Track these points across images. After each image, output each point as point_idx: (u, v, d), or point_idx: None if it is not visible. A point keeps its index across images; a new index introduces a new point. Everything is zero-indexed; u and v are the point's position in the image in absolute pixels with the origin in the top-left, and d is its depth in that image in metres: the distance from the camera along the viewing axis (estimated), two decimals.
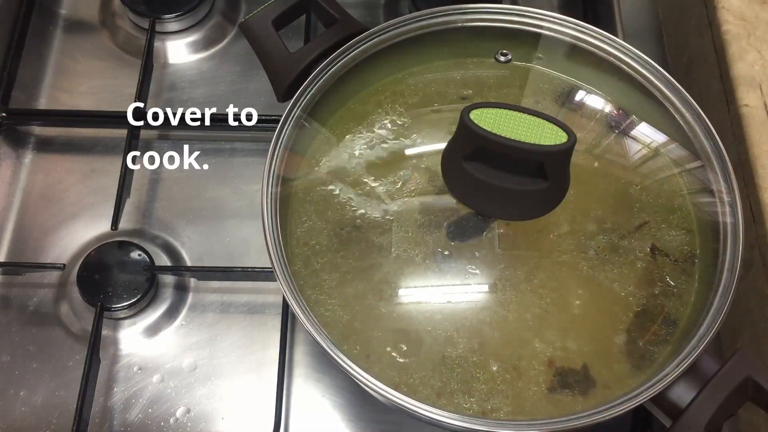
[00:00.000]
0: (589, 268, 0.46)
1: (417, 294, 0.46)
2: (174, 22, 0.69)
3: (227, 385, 0.56)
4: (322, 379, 0.57)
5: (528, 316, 0.45)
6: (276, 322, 0.57)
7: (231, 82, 0.68)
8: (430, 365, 0.44)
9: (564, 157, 0.43)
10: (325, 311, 0.45)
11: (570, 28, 0.52)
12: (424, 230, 0.47)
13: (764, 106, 0.55)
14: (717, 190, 0.47)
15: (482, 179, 0.44)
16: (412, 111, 0.51)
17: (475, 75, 0.53)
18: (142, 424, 0.55)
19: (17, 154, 0.65)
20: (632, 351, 0.44)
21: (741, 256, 0.44)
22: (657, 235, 0.47)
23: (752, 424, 0.53)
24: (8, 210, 0.62)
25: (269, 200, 0.46)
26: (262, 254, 0.46)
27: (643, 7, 0.73)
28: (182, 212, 0.62)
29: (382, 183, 0.49)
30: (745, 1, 0.59)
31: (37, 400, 0.56)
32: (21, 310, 0.58)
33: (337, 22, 0.52)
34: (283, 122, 0.49)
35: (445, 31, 0.52)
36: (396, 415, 0.55)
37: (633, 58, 0.51)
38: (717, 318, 0.43)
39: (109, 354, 0.57)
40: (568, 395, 0.43)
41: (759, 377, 0.41)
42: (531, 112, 0.43)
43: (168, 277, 0.59)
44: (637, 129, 0.51)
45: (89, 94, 0.67)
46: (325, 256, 0.47)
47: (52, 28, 0.71)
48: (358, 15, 0.61)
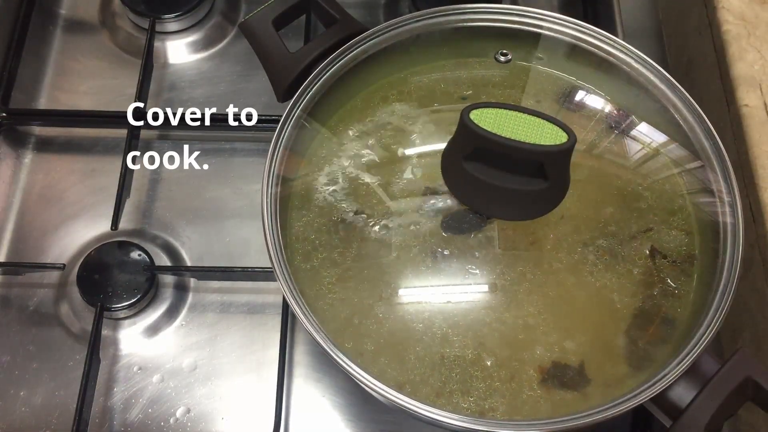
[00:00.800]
0: (588, 268, 0.46)
1: (417, 294, 0.46)
2: (174, 22, 0.69)
3: (227, 385, 0.56)
4: (322, 379, 0.57)
5: (527, 316, 0.45)
6: (276, 322, 0.57)
7: (231, 82, 0.68)
8: (429, 365, 0.44)
9: (564, 157, 0.43)
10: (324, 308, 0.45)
11: (570, 28, 0.52)
12: (424, 230, 0.47)
13: (764, 106, 0.55)
14: (717, 190, 0.47)
15: (482, 179, 0.44)
16: (412, 111, 0.51)
17: (475, 75, 0.53)
18: (142, 424, 0.55)
19: (17, 154, 0.65)
20: (632, 351, 0.44)
21: (741, 256, 0.44)
22: (657, 236, 0.47)
23: (752, 424, 0.53)
24: (8, 210, 0.62)
25: (269, 200, 0.46)
26: (262, 254, 0.46)
27: (643, 7, 0.73)
28: (182, 212, 0.62)
29: (382, 183, 0.49)
30: (745, 1, 0.59)
31: (37, 400, 0.56)
32: (21, 310, 0.58)
33: (337, 22, 0.52)
34: (283, 122, 0.49)
35: (445, 31, 0.52)
36: (396, 415, 0.55)
37: (633, 58, 0.51)
38: (717, 318, 0.43)
39: (109, 354, 0.57)
40: (568, 395, 0.43)
41: (759, 377, 0.41)
42: (531, 112, 0.43)
43: (168, 277, 0.59)
44: (637, 129, 0.51)
45: (89, 94, 0.67)
46: (325, 256, 0.47)
47: (52, 28, 0.71)
48: (358, 15, 0.61)
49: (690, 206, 0.48)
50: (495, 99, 0.51)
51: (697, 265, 0.47)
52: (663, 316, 0.45)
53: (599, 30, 0.51)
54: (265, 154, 0.47)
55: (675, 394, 0.42)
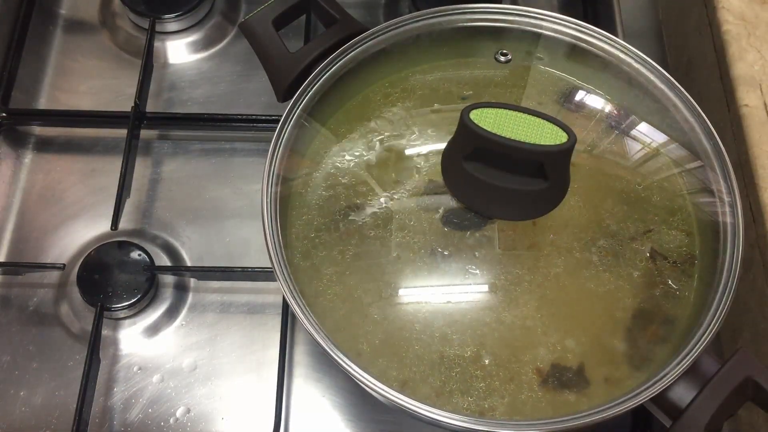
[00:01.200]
0: (588, 268, 0.46)
1: (417, 293, 0.46)
2: (174, 22, 0.69)
3: (227, 385, 0.56)
4: (322, 379, 0.57)
5: (527, 316, 0.45)
6: (276, 322, 0.57)
7: (231, 82, 0.68)
8: (428, 364, 0.44)
9: (564, 157, 0.43)
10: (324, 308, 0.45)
11: (570, 28, 0.52)
12: (424, 230, 0.47)
13: (764, 106, 0.55)
14: (717, 190, 0.47)
15: (482, 179, 0.44)
16: (412, 111, 0.51)
17: (475, 75, 0.53)
18: (142, 424, 0.55)
19: (17, 154, 0.65)
20: (632, 351, 0.44)
21: (741, 256, 0.44)
22: (656, 236, 0.47)
23: (752, 424, 0.53)
24: (8, 210, 0.62)
25: (269, 200, 0.46)
26: (262, 254, 0.46)
27: (643, 7, 0.73)
28: (182, 212, 0.62)
29: (382, 183, 0.49)
30: (745, 1, 0.59)
31: (37, 400, 0.56)
32: (21, 310, 0.58)
33: (337, 22, 0.52)
34: (283, 122, 0.49)
35: (445, 31, 0.52)
36: (396, 415, 0.55)
37: (633, 58, 0.51)
38: (717, 318, 0.43)
39: (109, 354, 0.57)
40: (568, 395, 0.43)
41: (759, 377, 0.41)
42: (531, 112, 0.43)
43: (168, 277, 0.59)
44: (637, 129, 0.51)
45: (89, 94, 0.67)
46: (325, 255, 0.47)
47: (52, 28, 0.71)
48: (358, 15, 0.61)
49: (690, 206, 0.48)
50: (495, 99, 0.51)
51: (697, 265, 0.47)
52: (663, 316, 0.45)
53: (599, 30, 0.51)
54: (265, 154, 0.47)
55: (675, 394, 0.42)
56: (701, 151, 0.48)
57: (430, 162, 0.49)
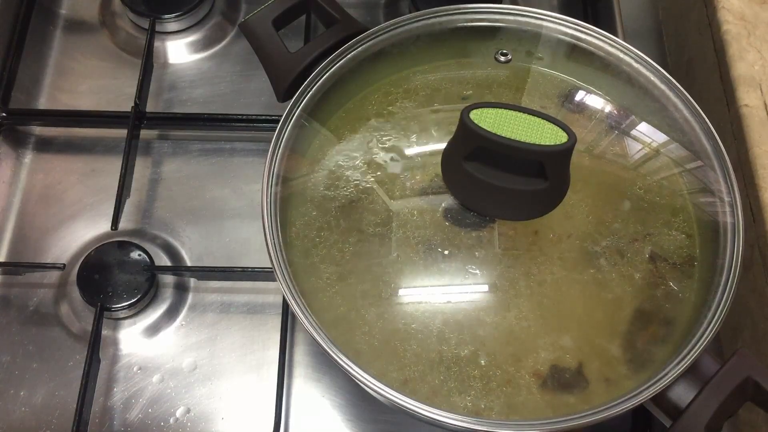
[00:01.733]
0: (588, 268, 0.46)
1: (416, 293, 0.46)
2: (174, 22, 0.69)
3: (227, 385, 0.56)
4: (322, 379, 0.57)
5: (527, 316, 0.45)
6: (276, 322, 0.57)
7: (231, 82, 0.68)
8: (428, 364, 0.44)
9: (564, 157, 0.43)
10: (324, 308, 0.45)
11: (570, 28, 0.52)
12: (424, 230, 0.47)
13: (764, 106, 0.55)
14: (717, 190, 0.47)
15: (482, 179, 0.44)
16: (412, 111, 0.51)
17: (475, 75, 0.53)
18: (142, 424, 0.55)
19: (17, 154, 0.65)
20: (632, 351, 0.44)
21: (741, 256, 0.44)
22: (657, 236, 0.47)
23: (752, 424, 0.53)
24: (8, 210, 0.62)
25: (269, 200, 0.46)
26: (262, 254, 0.46)
27: (643, 7, 0.73)
28: (182, 212, 0.62)
29: (382, 182, 0.49)
30: (745, 1, 0.59)
31: (37, 400, 0.56)
32: (21, 310, 0.58)
33: (337, 22, 0.52)
34: (283, 122, 0.49)
35: (445, 31, 0.52)
36: (396, 415, 0.55)
37: (633, 58, 0.51)
38: (717, 318, 0.43)
39: (109, 354, 0.57)
40: (567, 395, 0.43)
41: (759, 377, 0.41)
42: (531, 112, 0.43)
43: (168, 277, 0.59)
44: (637, 129, 0.51)
45: (89, 94, 0.67)
46: (325, 254, 0.47)
47: (52, 28, 0.71)
48: (358, 15, 0.62)
49: (690, 206, 0.48)
50: (495, 99, 0.51)
51: (698, 265, 0.47)
52: (663, 315, 0.45)
53: (599, 30, 0.51)
54: (265, 154, 0.47)
55: (675, 394, 0.42)
56: (701, 151, 0.48)
57: (430, 162, 0.49)
